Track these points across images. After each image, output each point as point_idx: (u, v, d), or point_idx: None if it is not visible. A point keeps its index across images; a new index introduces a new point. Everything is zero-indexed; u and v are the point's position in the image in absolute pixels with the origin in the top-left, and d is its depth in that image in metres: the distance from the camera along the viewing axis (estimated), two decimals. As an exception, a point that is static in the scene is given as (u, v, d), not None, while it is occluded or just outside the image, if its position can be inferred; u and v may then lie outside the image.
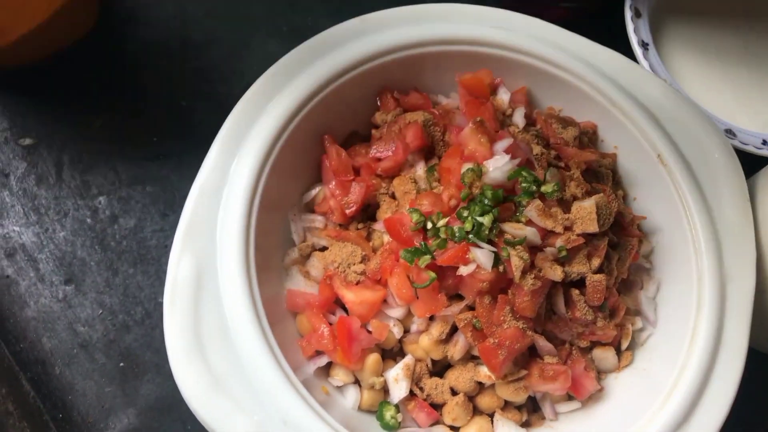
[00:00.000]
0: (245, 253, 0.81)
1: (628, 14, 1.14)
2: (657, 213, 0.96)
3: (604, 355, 0.89)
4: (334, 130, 0.96)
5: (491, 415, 0.87)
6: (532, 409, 0.90)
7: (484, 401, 0.85)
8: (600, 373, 0.91)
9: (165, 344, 0.76)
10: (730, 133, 1.11)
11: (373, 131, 0.97)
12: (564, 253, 0.80)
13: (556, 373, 0.83)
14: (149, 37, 1.13)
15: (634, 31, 1.13)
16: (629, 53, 1.10)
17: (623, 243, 0.90)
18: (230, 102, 0.91)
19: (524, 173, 0.82)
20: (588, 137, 0.97)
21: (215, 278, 0.80)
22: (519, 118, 0.94)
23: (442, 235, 0.81)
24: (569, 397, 0.89)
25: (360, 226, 0.91)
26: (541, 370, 0.83)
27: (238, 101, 0.88)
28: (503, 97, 0.97)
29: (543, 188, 0.82)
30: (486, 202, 0.81)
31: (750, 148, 1.10)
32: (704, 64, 1.22)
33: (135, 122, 1.07)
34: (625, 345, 0.91)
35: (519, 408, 0.88)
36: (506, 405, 0.87)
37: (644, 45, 1.14)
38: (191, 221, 0.81)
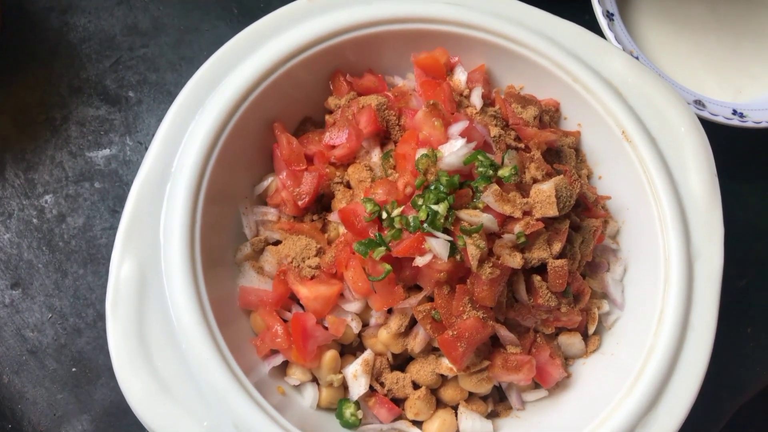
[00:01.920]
0: (190, 251, 0.77)
1: (592, -16, 1.10)
2: (623, 191, 0.93)
3: (571, 341, 0.87)
4: (286, 116, 0.92)
5: (455, 408, 0.84)
6: (498, 398, 0.87)
7: (447, 394, 0.83)
8: (567, 359, 0.89)
9: (111, 349, 0.73)
10: (699, 104, 1.08)
11: (327, 117, 0.93)
12: (523, 239, 0.77)
13: (520, 363, 0.80)
14: (92, 27, 1.07)
15: (599, 1, 1.09)
16: (594, 24, 1.07)
17: (587, 225, 0.87)
18: (179, 91, 0.87)
19: (480, 157, 0.78)
20: (550, 115, 0.94)
21: (160, 279, 0.76)
22: (476, 99, 0.90)
23: (397, 225, 0.78)
24: (536, 385, 0.86)
25: (315, 217, 0.88)
26: (505, 360, 0.80)
27: (181, 91, 0.84)
28: (460, 76, 0.93)
29: (500, 172, 0.79)
30: (441, 189, 0.77)
31: (720, 119, 1.06)
32: (672, 33, 1.18)
33: (80, 116, 1.03)
34: (591, 329, 0.88)
35: (484, 398, 0.86)
36: (471, 396, 0.84)
37: (609, 15, 1.09)
38: (132, 220, 0.78)
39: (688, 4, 1.19)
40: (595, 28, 0.98)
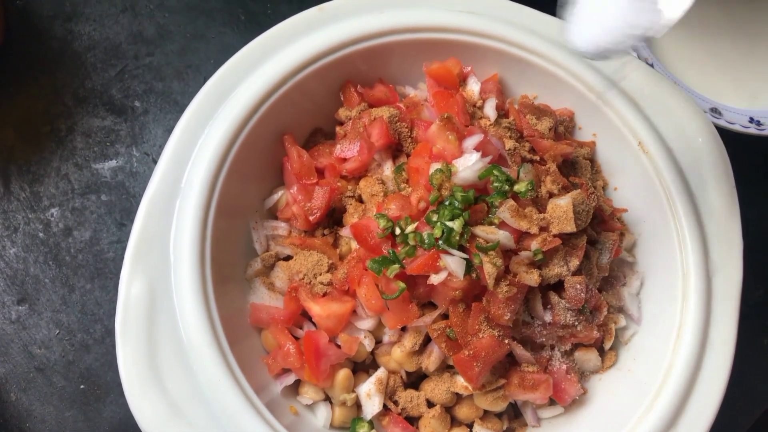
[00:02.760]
0: (200, 269, 0.76)
1: (606, -11, 1.08)
2: (639, 203, 0.91)
3: (587, 357, 0.85)
4: (296, 127, 0.90)
5: (470, 426, 0.83)
6: (513, 415, 0.86)
7: (462, 412, 0.81)
8: (583, 375, 0.87)
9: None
10: (715, 112, 1.06)
11: (338, 128, 0.91)
12: (540, 255, 0.76)
13: (537, 382, 0.79)
14: (97, 35, 1.06)
15: (612, 6, 1.07)
16: (607, 31, 1.05)
17: (603, 238, 0.85)
18: (186, 100, 0.86)
19: (496, 172, 0.77)
20: (564, 126, 0.92)
21: (170, 298, 0.75)
22: (490, 110, 0.88)
23: (411, 242, 0.76)
24: (552, 402, 0.85)
25: (326, 231, 0.86)
26: (521, 378, 0.79)
27: (190, 103, 0.82)
28: (473, 87, 0.91)
29: (516, 187, 0.77)
30: (456, 205, 0.75)
31: (737, 127, 1.05)
32: (686, 38, 1.16)
33: (86, 126, 1.01)
34: (608, 345, 0.87)
35: (499, 415, 0.84)
36: (486, 414, 0.83)
37: (623, 21, 1.07)
38: (141, 237, 0.76)
39: (703, 9, 1.17)
40: (609, 35, 0.96)
